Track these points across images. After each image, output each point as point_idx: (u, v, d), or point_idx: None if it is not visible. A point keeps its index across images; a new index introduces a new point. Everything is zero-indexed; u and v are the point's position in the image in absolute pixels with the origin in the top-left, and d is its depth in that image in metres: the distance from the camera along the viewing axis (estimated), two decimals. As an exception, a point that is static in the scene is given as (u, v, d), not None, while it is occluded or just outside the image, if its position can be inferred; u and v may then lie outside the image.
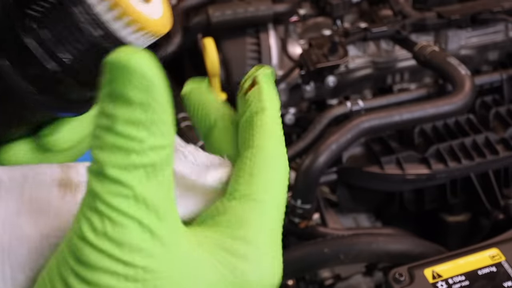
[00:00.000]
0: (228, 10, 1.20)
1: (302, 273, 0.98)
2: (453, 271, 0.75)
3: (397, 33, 1.16)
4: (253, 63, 1.23)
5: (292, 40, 1.24)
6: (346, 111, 1.07)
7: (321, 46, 1.11)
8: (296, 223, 0.98)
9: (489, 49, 1.27)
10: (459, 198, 1.04)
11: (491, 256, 0.77)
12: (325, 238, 0.96)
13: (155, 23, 0.32)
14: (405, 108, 0.99)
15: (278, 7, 1.21)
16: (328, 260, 0.91)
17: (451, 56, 1.08)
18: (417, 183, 1.01)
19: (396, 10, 1.21)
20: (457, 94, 1.00)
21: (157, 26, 0.32)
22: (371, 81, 1.26)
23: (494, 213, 1.00)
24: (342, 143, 0.96)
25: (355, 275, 1.00)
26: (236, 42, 1.23)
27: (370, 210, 1.09)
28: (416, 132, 1.05)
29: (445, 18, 1.18)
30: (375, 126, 0.98)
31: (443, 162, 1.01)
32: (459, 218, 1.07)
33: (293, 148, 1.06)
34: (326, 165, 0.96)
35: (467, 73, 1.04)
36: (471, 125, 1.07)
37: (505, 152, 1.02)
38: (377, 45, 1.24)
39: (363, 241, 0.92)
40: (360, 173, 1.02)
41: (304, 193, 0.96)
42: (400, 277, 0.74)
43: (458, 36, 1.24)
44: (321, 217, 1.04)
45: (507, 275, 0.74)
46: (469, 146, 1.02)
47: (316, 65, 1.08)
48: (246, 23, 1.22)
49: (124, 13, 0.30)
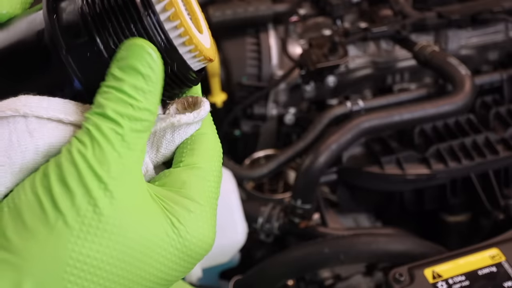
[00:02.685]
0: (228, 10, 1.20)
1: (302, 273, 0.98)
2: (453, 271, 0.75)
3: (397, 33, 1.16)
4: (253, 63, 1.23)
5: (292, 40, 1.24)
6: (346, 111, 1.07)
7: (321, 46, 1.11)
8: (296, 223, 0.98)
9: (489, 49, 1.27)
10: (459, 198, 1.04)
11: (491, 256, 0.77)
12: (325, 238, 0.96)
13: (208, 51, 0.40)
14: (405, 108, 0.99)
15: (278, 7, 1.21)
16: (328, 260, 0.91)
17: (451, 56, 1.08)
18: (417, 183, 1.01)
19: (396, 10, 1.21)
20: (457, 94, 1.00)
21: (209, 54, 0.40)
22: (371, 81, 1.26)
23: (494, 213, 1.00)
24: (342, 143, 0.96)
25: (355, 275, 1.00)
26: (236, 42, 1.23)
27: (370, 210, 1.09)
28: (416, 132, 1.05)
29: (445, 18, 1.18)
30: (375, 126, 0.98)
31: (443, 162, 1.01)
32: (459, 218, 1.07)
33: (293, 148, 1.06)
34: (326, 165, 0.96)
35: (467, 73, 1.04)
36: (471, 125, 1.07)
37: (505, 152, 1.02)
38: (377, 45, 1.24)
39: (363, 241, 0.92)
40: (360, 173, 1.02)
41: (304, 193, 0.96)
42: (400, 277, 0.74)
43: (458, 36, 1.24)
44: (321, 217, 1.04)
45: (507, 275, 0.74)
46: (469, 146, 1.02)
47: (316, 65, 1.08)
48: (246, 23, 1.22)
49: (190, 41, 0.38)
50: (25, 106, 0.35)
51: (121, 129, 0.35)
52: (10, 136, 0.35)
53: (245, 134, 1.26)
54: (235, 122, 1.26)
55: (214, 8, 1.21)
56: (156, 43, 0.37)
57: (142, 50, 0.36)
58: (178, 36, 0.38)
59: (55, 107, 0.36)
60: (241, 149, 1.28)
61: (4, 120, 0.35)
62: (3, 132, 0.35)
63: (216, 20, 1.20)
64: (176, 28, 0.37)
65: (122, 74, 0.36)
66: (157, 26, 0.37)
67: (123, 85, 0.35)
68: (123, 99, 0.35)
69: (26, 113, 0.35)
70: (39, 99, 0.36)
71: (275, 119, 1.25)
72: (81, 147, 0.34)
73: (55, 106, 0.36)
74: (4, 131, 0.35)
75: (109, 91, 0.36)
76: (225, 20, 1.20)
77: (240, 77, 1.23)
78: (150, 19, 0.37)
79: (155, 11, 0.37)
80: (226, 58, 1.23)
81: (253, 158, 1.25)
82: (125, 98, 0.35)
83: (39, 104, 0.36)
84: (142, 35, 0.37)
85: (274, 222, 1.00)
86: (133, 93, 0.35)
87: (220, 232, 0.82)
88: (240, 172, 1.05)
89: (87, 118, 0.35)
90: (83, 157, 0.34)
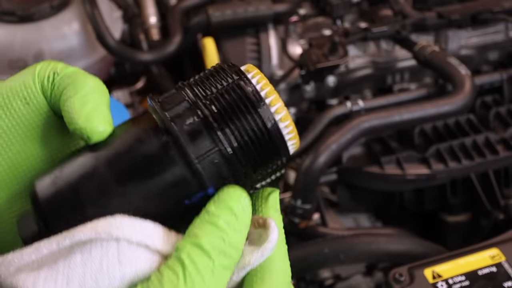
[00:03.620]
0: (228, 10, 1.20)
1: (302, 273, 0.98)
2: (453, 271, 0.75)
3: (397, 33, 1.16)
4: (253, 63, 1.23)
5: (292, 40, 1.24)
6: (346, 111, 1.07)
7: (321, 46, 1.11)
8: (296, 223, 0.98)
9: (489, 49, 1.27)
10: (459, 198, 1.04)
11: (491, 256, 0.77)
12: (325, 238, 0.96)
13: (299, 141, 0.43)
14: (405, 108, 0.99)
15: (278, 7, 1.21)
16: (328, 260, 0.91)
17: (451, 56, 1.08)
18: (417, 183, 1.01)
19: (396, 10, 1.21)
20: (457, 94, 1.00)
21: (299, 143, 0.43)
22: (371, 81, 1.26)
23: (494, 213, 1.00)
24: (342, 143, 0.96)
25: (355, 275, 1.00)
26: (236, 42, 1.23)
27: (370, 210, 1.09)
28: (416, 132, 1.05)
29: (445, 18, 1.18)
30: (375, 126, 0.98)
31: (443, 162, 1.01)
32: (459, 218, 1.07)
33: (293, 148, 1.06)
34: (326, 165, 0.96)
35: (467, 73, 1.04)
36: (471, 125, 1.07)
37: (505, 152, 1.02)
38: (377, 45, 1.24)
39: (363, 241, 0.92)
40: (360, 173, 1.02)
41: (304, 193, 0.96)
42: (400, 277, 0.74)
43: (458, 36, 1.24)
44: (321, 217, 1.04)
45: (507, 275, 0.74)
46: (469, 146, 1.02)
47: (316, 65, 1.08)
48: (246, 23, 1.22)
49: (293, 130, 0.41)
50: (118, 230, 0.36)
51: (212, 263, 0.36)
52: (101, 260, 0.36)
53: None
54: (235, 122, 1.25)
55: (214, 8, 1.21)
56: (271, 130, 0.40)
57: (239, 194, 0.38)
58: (286, 128, 0.41)
59: (145, 232, 0.37)
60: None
61: (99, 242, 0.36)
62: (96, 255, 0.36)
63: (216, 20, 1.20)
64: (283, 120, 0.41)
65: (218, 210, 0.37)
66: (270, 116, 0.40)
67: (218, 220, 0.37)
68: (216, 233, 0.37)
69: (118, 237, 0.36)
70: (132, 222, 0.37)
71: (275, 119, 1.24)
72: (173, 277, 0.35)
73: (146, 231, 0.37)
74: (97, 254, 0.36)
75: (204, 224, 0.37)
76: (225, 20, 1.20)
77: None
78: (265, 109, 0.40)
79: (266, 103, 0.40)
80: (226, 58, 1.23)
81: (253, 158, 1.24)
82: (219, 232, 0.37)
83: (132, 227, 0.37)
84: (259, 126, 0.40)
85: (274, 222, 1.00)
86: (226, 228, 0.37)
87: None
88: (240, 172, 1.05)
89: (180, 247, 0.36)
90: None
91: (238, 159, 0.40)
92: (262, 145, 0.40)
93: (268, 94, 0.41)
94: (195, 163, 0.39)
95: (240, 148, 0.40)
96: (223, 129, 0.39)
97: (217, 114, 0.39)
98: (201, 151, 0.39)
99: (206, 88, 0.41)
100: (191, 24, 1.25)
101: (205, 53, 1.21)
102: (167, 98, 0.41)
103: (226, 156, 0.39)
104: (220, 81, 0.41)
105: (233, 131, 0.39)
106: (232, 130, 0.39)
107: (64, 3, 1.29)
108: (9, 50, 1.24)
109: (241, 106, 0.40)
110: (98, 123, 0.40)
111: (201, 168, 0.39)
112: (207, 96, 0.40)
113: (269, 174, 0.43)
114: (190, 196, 0.40)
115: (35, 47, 1.25)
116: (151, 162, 0.39)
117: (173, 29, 1.26)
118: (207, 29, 1.24)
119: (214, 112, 0.39)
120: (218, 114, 0.39)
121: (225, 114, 0.40)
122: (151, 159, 0.39)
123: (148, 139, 0.40)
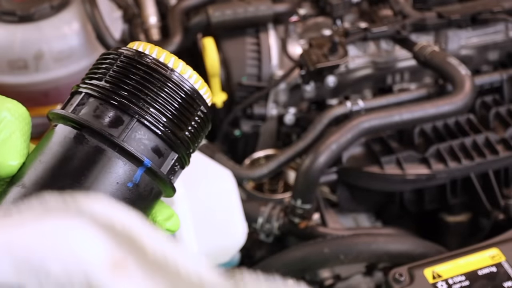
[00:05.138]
0: (228, 10, 1.20)
1: (302, 273, 0.98)
2: (453, 271, 0.75)
3: (397, 33, 1.16)
4: (253, 63, 1.23)
5: (292, 40, 1.24)
6: (346, 111, 1.06)
7: (321, 46, 1.11)
8: (296, 223, 0.98)
9: (489, 49, 1.27)
10: (459, 198, 1.04)
11: (491, 256, 0.77)
12: (325, 238, 0.96)
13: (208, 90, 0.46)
14: (405, 108, 0.99)
15: (278, 7, 1.21)
16: (328, 260, 0.91)
17: (451, 56, 1.08)
18: (417, 183, 1.01)
19: (396, 10, 1.21)
20: (457, 94, 1.00)
21: (209, 91, 0.45)
22: (371, 81, 1.26)
23: (494, 213, 1.00)
24: (342, 143, 0.96)
25: (355, 275, 1.00)
26: (236, 42, 1.23)
27: (370, 210, 1.09)
28: (416, 132, 1.05)
29: (445, 18, 1.18)
30: (375, 126, 0.98)
31: (443, 162, 1.01)
32: (459, 218, 1.07)
33: (293, 148, 1.06)
34: (326, 165, 0.96)
35: (467, 73, 1.04)
36: (471, 125, 1.07)
37: (505, 152, 1.02)
38: (377, 45, 1.24)
39: (363, 241, 0.92)
40: (360, 173, 1.02)
41: (304, 193, 0.96)
42: (400, 277, 0.74)
43: (458, 36, 1.24)
44: (321, 217, 1.04)
45: (507, 275, 0.74)
46: (469, 146, 1.02)
47: (316, 65, 1.08)
48: (246, 23, 1.22)
49: (192, 74, 0.43)
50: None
51: None
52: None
53: (245, 134, 1.26)
54: (235, 122, 1.26)
55: (214, 8, 1.21)
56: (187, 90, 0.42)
57: None
58: (196, 82, 0.43)
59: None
60: (241, 149, 1.28)
61: None
62: None
63: (216, 20, 1.20)
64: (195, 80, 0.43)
65: None
66: (183, 79, 0.42)
67: None
68: None
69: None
70: None
71: (275, 119, 1.25)
72: None
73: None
74: None
75: None
76: (225, 20, 1.20)
77: (240, 77, 1.23)
78: (175, 75, 0.42)
79: (174, 69, 0.42)
80: (226, 58, 1.23)
81: (253, 158, 1.25)
82: None
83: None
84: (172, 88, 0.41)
85: (274, 222, 1.00)
86: None
87: (220, 232, 0.82)
88: (240, 172, 1.05)
89: None
90: None
91: (157, 120, 0.40)
92: (172, 96, 0.41)
93: (151, 50, 0.42)
94: (118, 141, 0.39)
95: (156, 110, 0.40)
96: (130, 100, 0.40)
97: (115, 88, 0.40)
98: (119, 129, 0.39)
99: (99, 74, 0.42)
100: (191, 24, 1.25)
101: (205, 53, 1.21)
102: (66, 103, 0.42)
103: (143, 123, 0.40)
104: (107, 62, 0.42)
105: (141, 98, 0.40)
106: (138, 97, 0.40)
107: (64, 3, 1.30)
108: (9, 50, 1.24)
109: (133, 70, 0.41)
110: (8, 157, 0.39)
111: (126, 144, 0.39)
112: (102, 79, 0.41)
113: (196, 129, 0.43)
114: (131, 176, 0.40)
115: (35, 47, 1.25)
116: (81, 161, 0.39)
117: (173, 29, 1.26)
118: (207, 29, 1.24)
119: (113, 88, 0.40)
120: (115, 87, 0.40)
121: (125, 86, 0.40)
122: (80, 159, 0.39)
123: (67, 144, 0.40)
